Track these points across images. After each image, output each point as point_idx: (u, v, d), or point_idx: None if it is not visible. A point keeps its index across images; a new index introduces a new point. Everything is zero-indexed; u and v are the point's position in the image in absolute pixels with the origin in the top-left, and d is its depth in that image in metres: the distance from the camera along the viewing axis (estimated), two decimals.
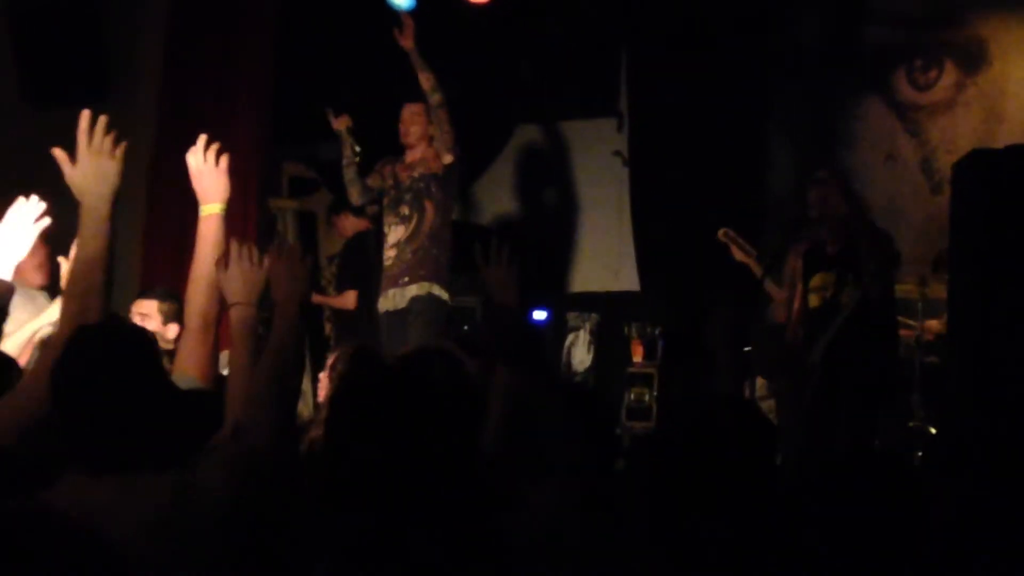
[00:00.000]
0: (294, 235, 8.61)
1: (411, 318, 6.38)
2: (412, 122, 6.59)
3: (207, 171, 3.32)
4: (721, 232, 6.56)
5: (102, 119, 2.79)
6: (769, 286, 6.42)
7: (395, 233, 6.54)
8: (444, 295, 6.46)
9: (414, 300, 6.39)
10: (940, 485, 4.20)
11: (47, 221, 3.47)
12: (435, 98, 6.44)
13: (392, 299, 6.47)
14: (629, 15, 8.28)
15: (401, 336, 6.33)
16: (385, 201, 6.67)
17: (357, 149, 6.66)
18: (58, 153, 2.77)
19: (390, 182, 6.66)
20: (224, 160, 3.35)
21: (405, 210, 6.52)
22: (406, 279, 6.43)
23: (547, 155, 9.01)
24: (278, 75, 7.52)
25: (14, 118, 6.86)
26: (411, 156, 6.62)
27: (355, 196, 6.79)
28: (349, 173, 6.67)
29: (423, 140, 6.59)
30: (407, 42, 6.48)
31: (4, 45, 6.81)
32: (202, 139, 3.36)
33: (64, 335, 2.54)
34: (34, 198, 3.46)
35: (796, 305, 6.18)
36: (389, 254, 6.55)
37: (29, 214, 3.43)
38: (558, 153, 8.99)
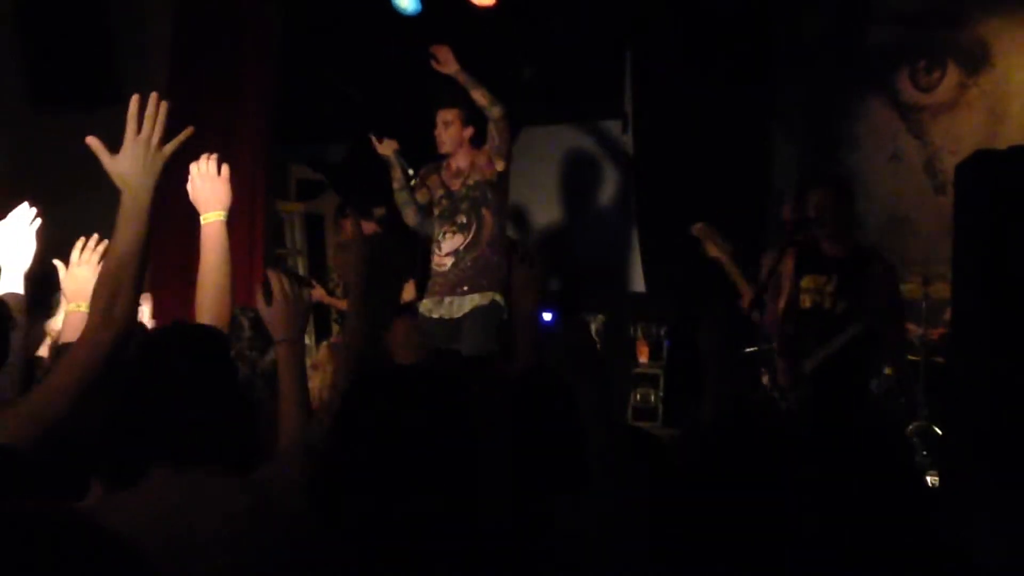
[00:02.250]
0: (301, 238, 8.64)
1: (469, 323, 6.28)
2: (444, 130, 6.44)
3: (208, 179, 3.34)
4: (697, 227, 6.43)
5: (157, 104, 2.63)
6: (738, 280, 6.32)
7: (451, 241, 6.38)
8: (503, 302, 6.37)
9: (475, 309, 6.29)
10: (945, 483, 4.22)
11: (39, 222, 3.51)
12: (495, 112, 6.28)
13: (448, 307, 6.34)
14: (633, 17, 8.31)
15: (449, 342, 6.22)
16: (436, 211, 6.49)
17: (411, 172, 6.51)
18: (93, 143, 2.59)
19: (440, 192, 6.49)
20: (226, 169, 3.36)
21: (462, 219, 6.38)
22: (466, 287, 6.29)
23: (552, 157, 9.03)
24: (284, 78, 7.55)
25: (23, 122, 6.90)
26: (456, 163, 6.48)
27: (411, 217, 6.60)
28: (403, 196, 6.51)
29: (461, 146, 6.46)
30: (449, 67, 6.33)
31: (13, 49, 6.84)
32: (204, 156, 3.38)
33: (94, 333, 2.53)
34: (24, 205, 3.49)
35: (782, 304, 6.16)
36: (444, 261, 6.39)
37: (25, 223, 3.47)
38: (563, 155, 9.01)
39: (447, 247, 6.41)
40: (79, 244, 3.53)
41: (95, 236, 3.48)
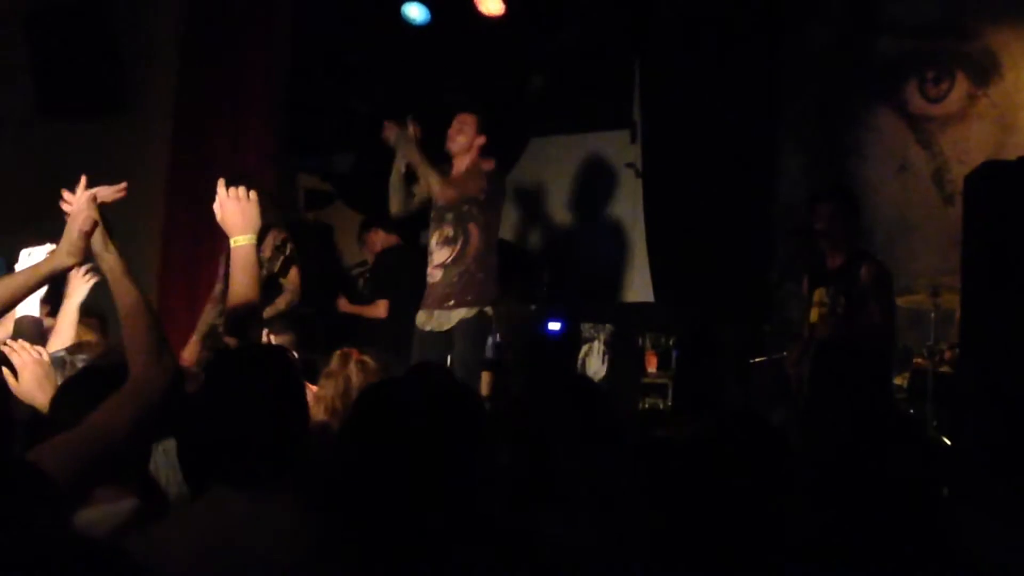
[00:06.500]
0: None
1: (458, 335, 6.25)
2: (458, 131, 6.43)
3: (239, 203, 3.36)
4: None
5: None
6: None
7: (440, 254, 6.33)
8: (490, 311, 6.34)
9: (462, 321, 6.26)
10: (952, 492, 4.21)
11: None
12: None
13: (436, 319, 6.32)
14: (642, 27, 8.31)
15: (441, 354, 6.23)
16: (432, 214, 6.48)
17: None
18: None
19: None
20: (254, 193, 3.38)
21: (449, 231, 6.32)
22: (451, 303, 6.27)
23: (561, 167, 9.03)
24: (292, 88, 7.57)
25: (31, 132, 6.92)
26: (455, 170, 6.45)
27: (395, 205, 6.58)
28: (397, 183, 6.49)
29: (467, 153, 6.44)
30: (410, 154, 6.38)
31: (22, 60, 6.87)
32: (221, 182, 3.40)
33: (145, 374, 2.59)
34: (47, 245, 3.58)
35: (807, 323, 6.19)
36: (435, 273, 6.34)
37: (42, 253, 3.55)
38: (572, 165, 9.01)
39: (437, 259, 6.38)
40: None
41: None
